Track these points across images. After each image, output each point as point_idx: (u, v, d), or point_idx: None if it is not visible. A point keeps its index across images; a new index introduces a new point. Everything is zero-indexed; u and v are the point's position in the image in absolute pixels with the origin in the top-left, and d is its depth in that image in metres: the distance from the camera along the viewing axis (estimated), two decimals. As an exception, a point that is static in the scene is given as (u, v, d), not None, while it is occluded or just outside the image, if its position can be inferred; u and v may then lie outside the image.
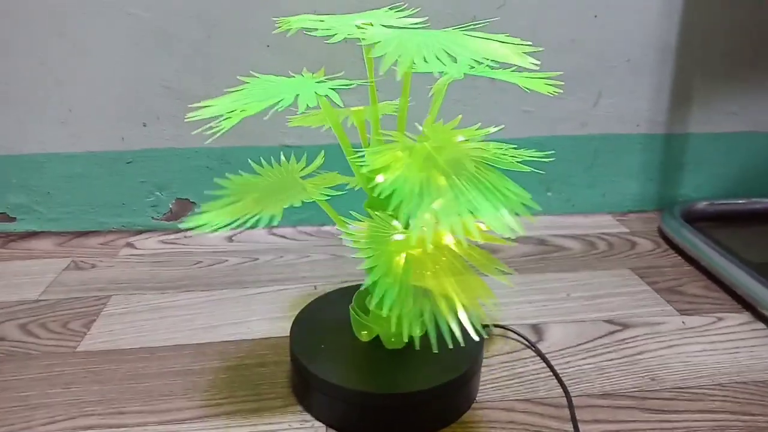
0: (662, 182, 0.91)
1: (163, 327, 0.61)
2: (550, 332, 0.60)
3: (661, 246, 0.81)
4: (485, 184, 0.38)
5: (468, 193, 0.37)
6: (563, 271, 0.73)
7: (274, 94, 0.39)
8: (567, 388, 0.51)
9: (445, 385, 0.45)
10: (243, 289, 0.68)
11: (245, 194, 0.47)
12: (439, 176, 0.37)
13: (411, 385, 0.45)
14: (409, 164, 0.38)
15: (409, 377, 0.46)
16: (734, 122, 0.89)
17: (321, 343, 0.50)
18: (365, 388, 0.45)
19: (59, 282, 0.70)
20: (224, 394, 0.50)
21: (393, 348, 0.49)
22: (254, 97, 0.40)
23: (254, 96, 0.40)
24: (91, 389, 0.51)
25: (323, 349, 0.49)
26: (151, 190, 0.83)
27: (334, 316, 0.53)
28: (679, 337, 0.60)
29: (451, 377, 0.46)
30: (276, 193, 0.47)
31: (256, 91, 0.41)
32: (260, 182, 0.50)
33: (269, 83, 0.43)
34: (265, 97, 0.39)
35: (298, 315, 0.54)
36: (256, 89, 0.42)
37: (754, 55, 0.85)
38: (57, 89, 0.77)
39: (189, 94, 0.78)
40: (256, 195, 0.47)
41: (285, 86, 0.41)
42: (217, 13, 0.75)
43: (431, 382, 0.45)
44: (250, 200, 0.46)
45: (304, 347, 0.49)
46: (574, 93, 0.84)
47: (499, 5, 0.78)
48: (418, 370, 0.47)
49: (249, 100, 0.39)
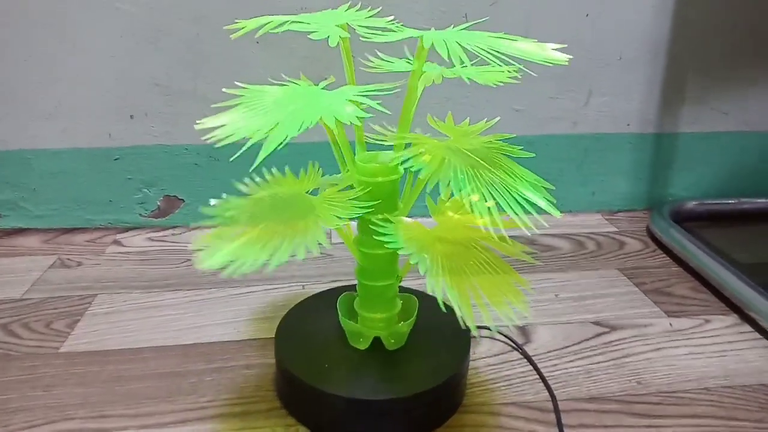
0: (652, 181, 0.91)
1: (149, 327, 0.60)
2: (537, 334, 0.60)
3: (650, 246, 0.81)
4: (514, 173, 0.40)
5: (506, 180, 0.39)
6: (552, 272, 0.73)
7: (303, 111, 0.35)
8: (553, 392, 0.51)
9: (430, 390, 0.45)
10: (230, 288, 0.68)
11: (251, 218, 0.40)
12: (479, 163, 0.39)
13: (396, 391, 0.45)
14: (446, 153, 0.38)
15: (394, 383, 0.46)
16: (725, 122, 0.89)
17: (306, 347, 0.49)
18: (350, 393, 0.44)
19: (44, 280, 0.69)
20: (208, 397, 0.50)
21: (393, 349, 0.49)
22: (278, 113, 0.35)
23: (278, 112, 0.35)
24: (74, 392, 0.50)
25: (308, 353, 0.49)
26: (139, 186, 0.82)
27: (320, 319, 0.53)
28: (666, 340, 0.60)
29: (437, 382, 0.45)
30: (290, 221, 0.40)
31: (278, 105, 0.37)
32: (263, 204, 0.42)
33: (290, 95, 0.39)
34: (293, 115, 0.35)
35: (284, 317, 0.54)
36: (274, 103, 0.37)
37: (747, 55, 0.85)
38: (44, 84, 0.76)
39: (178, 91, 0.77)
40: (268, 223, 0.39)
41: (309, 99, 0.37)
42: (206, 9, 0.74)
43: (416, 387, 0.45)
44: (265, 230, 0.38)
45: (289, 350, 0.49)
46: (566, 92, 0.84)
47: (491, 3, 0.78)
48: (404, 375, 0.47)
49: (274, 118, 0.35)
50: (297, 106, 0.37)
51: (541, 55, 0.41)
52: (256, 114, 0.36)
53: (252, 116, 0.36)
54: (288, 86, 0.41)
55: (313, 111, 0.36)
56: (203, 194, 0.83)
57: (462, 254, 0.41)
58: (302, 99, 0.39)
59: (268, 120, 0.35)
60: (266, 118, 0.35)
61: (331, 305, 0.51)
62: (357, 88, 0.40)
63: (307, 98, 0.39)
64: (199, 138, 0.80)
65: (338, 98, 0.38)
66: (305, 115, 0.35)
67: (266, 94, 0.39)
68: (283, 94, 0.39)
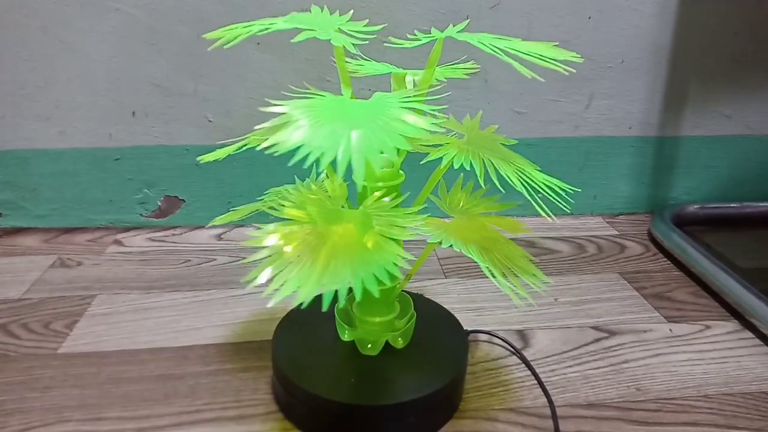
0: (654, 185, 0.91)
1: (147, 328, 0.60)
2: (536, 338, 0.60)
3: (651, 250, 0.80)
4: (529, 166, 0.43)
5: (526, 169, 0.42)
6: (551, 275, 0.73)
7: (372, 130, 0.32)
8: (551, 398, 0.51)
9: (427, 396, 0.45)
10: (230, 289, 0.68)
11: (297, 243, 0.37)
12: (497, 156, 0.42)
13: (393, 396, 0.45)
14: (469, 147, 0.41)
15: (391, 387, 0.46)
16: (727, 125, 0.88)
17: (304, 350, 0.49)
18: (347, 399, 0.44)
19: (44, 280, 0.69)
20: (205, 399, 0.50)
21: (368, 354, 0.49)
22: (344, 131, 0.31)
23: (343, 131, 0.31)
24: (71, 393, 0.50)
25: (306, 357, 0.49)
26: (140, 187, 0.82)
27: (318, 321, 0.53)
28: (665, 346, 0.59)
29: (434, 388, 0.45)
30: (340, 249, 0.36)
31: (340, 122, 0.33)
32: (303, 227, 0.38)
33: (338, 109, 0.35)
34: (366, 138, 0.31)
35: (282, 320, 0.54)
36: (332, 118, 0.33)
37: (749, 58, 0.84)
38: (43, 85, 0.76)
39: (178, 92, 0.77)
40: (320, 251, 0.36)
41: (362, 114, 0.34)
42: (206, 10, 0.74)
43: (414, 393, 0.45)
44: (319, 258, 0.36)
45: (286, 354, 0.49)
46: (567, 95, 0.83)
47: (493, 5, 0.77)
48: (402, 380, 0.47)
49: (344, 137, 0.31)
50: (357, 122, 0.33)
51: (555, 54, 0.40)
52: (323, 133, 0.32)
53: (322, 135, 0.32)
54: (323, 99, 0.36)
55: (384, 131, 0.32)
56: (204, 195, 0.83)
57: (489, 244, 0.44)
58: (356, 115, 0.34)
59: (341, 140, 0.31)
60: (337, 138, 0.31)
61: (330, 308, 0.51)
62: (397, 96, 0.37)
63: (361, 113, 0.34)
64: (199, 139, 0.80)
65: (392, 112, 0.34)
66: (378, 137, 0.32)
67: (313, 110, 0.34)
68: (330, 109, 0.35)
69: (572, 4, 0.79)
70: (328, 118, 0.33)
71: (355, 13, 0.75)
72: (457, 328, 0.54)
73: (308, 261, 0.35)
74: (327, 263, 0.35)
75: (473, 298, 0.67)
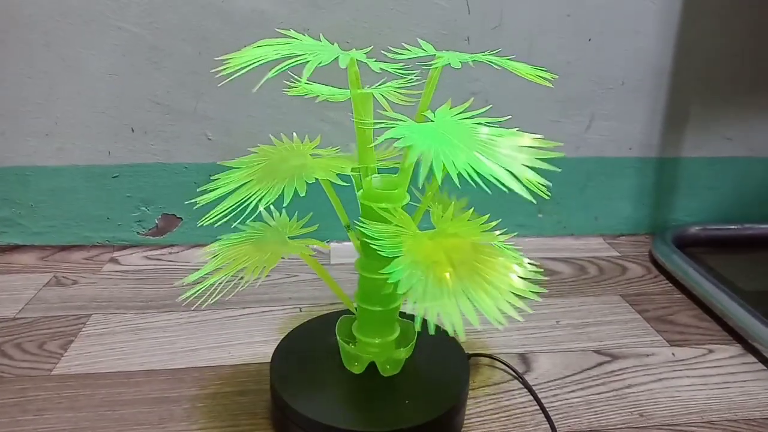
0: (655, 206, 0.90)
1: (142, 350, 0.59)
2: (538, 362, 0.59)
3: (652, 271, 0.80)
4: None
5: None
6: (553, 297, 0.72)
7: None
8: (554, 424, 0.50)
9: (429, 423, 0.44)
10: (225, 310, 0.67)
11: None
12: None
13: (394, 423, 0.44)
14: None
15: (392, 414, 0.45)
16: (729, 147, 0.88)
17: (302, 375, 0.48)
18: (347, 425, 0.43)
19: (39, 299, 0.68)
20: (200, 424, 0.49)
21: (389, 375, 0.48)
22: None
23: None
24: (64, 416, 0.49)
25: (304, 382, 0.48)
26: (137, 204, 0.81)
27: (317, 345, 0.52)
28: (668, 370, 0.58)
29: (435, 414, 0.44)
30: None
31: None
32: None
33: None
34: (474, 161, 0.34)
35: (281, 343, 0.53)
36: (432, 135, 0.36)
37: (750, 80, 0.85)
38: (44, 102, 0.75)
39: (178, 110, 0.77)
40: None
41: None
42: (208, 29, 0.74)
43: (415, 419, 0.44)
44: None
45: (284, 379, 0.48)
46: (568, 115, 0.83)
47: (494, 26, 0.77)
48: (403, 405, 0.46)
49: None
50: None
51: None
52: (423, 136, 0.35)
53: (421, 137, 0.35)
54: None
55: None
56: (202, 213, 0.82)
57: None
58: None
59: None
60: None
61: (329, 331, 0.50)
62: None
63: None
64: (198, 157, 0.79)
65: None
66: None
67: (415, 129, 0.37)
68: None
69: (573, 25, 0.79)
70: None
71: (357, 34, 0.75)
72: (458, 351, 0.53)
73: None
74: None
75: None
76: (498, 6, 0.77)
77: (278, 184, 0.40)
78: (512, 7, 0.77)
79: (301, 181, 0.40)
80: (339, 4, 0.74)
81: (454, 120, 0.39)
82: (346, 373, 0.49)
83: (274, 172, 0.42)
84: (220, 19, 0.74)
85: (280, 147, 0.48)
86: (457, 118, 0.39)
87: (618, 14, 0.79)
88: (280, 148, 0.48)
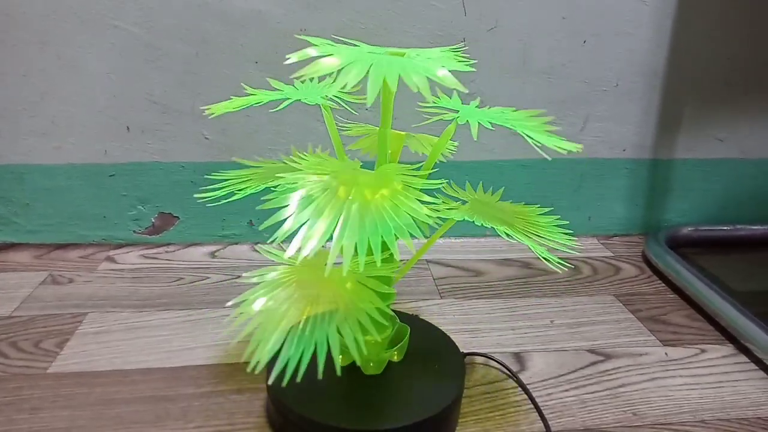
0: (648, 207, 0.91)
1: (138, 348, 0.59)
2: (532, 361, 0.60)
3: (645, 272, 0.81)
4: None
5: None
6: (547, 297, 0.73)
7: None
8: (548, 423, 0.50)
9: (424, 421, 0.44)
10: (222, 309, 0.67)
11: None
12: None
13: (389, 421, 0.44)
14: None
15: (387, 412, 0.45)
16: (721, 148, 0.89)
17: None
18: (342, 423, 0.44)
19: (34, 297, 0.68)
20: (197, 422, 0.49)
21: (371, 374, 0.48)
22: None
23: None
24: (60, 415, 0.49)
25: (300, 380, 0.48)
26: (134, 203, 0.81)
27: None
28: (661, 370, 0.59)
29: (431, 413, 0.45)
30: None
31: None
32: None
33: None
34: None
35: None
36: None
37: (742, 82, 0.85)
38: (40, 101, 0.75)
39: (175, 109, 0.77)
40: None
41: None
42: (206, 29, 0.74)
43: (410, 417, 0.44)
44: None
45: (281, 376, 0.48)
46: (563, 117, 0.84)
47: (490, 28, 0.78)
48: (398, 404, 0.46)
49: None
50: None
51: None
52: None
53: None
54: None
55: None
56: (198, 212, 0.83)
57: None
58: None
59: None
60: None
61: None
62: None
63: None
64: (195, 156, 0.80)
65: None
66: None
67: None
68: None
69: (568, 27, 0.79)
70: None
71: (353, 35, 0.76)
72: (453, 350, 0.53)
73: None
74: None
75: (469, 319, 0.67)
76: (494, 8, 0.77)
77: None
78: (508, 9, 0.77)
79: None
80: (336, 4, 0.74)
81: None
82: (342, 372, 0.49)
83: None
84: (217, 19, 0.74)
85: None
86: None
87: (612, 17, 0.80)
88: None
